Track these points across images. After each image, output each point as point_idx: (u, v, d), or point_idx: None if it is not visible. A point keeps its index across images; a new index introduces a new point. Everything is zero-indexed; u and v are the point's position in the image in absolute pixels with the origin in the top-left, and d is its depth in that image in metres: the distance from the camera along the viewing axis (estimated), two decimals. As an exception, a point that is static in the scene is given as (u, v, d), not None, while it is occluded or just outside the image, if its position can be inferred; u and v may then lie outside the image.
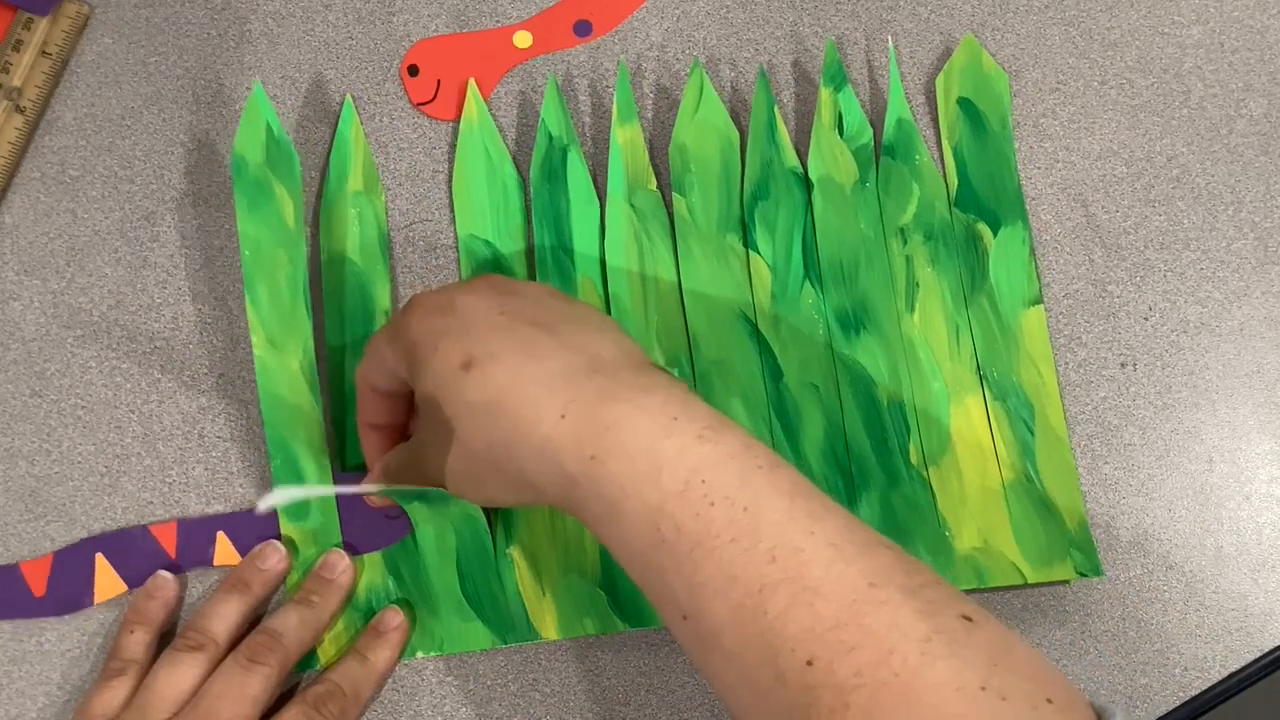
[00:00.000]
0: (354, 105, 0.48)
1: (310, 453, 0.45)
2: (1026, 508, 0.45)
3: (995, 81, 0.49)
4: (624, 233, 0.47)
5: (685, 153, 0.47)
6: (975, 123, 0.48)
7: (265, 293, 0.45)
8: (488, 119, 0.48)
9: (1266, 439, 0.46)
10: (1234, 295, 0.48)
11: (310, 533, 0.44)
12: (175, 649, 0.41)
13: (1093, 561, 0.44)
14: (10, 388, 0.46)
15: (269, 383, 0.45)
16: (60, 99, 0.49)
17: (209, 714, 0.40)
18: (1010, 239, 0.47)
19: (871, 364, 0.46)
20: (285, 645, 0.41)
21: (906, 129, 0.48)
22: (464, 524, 0.44)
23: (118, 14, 0.49)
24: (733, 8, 0.50)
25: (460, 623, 0.44)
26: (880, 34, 0.50)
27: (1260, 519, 0.46)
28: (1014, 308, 0.47)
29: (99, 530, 0.45)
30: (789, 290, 0.46)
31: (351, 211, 0.47)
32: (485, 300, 0.37)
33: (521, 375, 0.35)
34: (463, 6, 0.50)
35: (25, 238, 0.47)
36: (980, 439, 0.45)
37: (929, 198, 0.47)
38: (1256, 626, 0.45)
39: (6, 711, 0.44)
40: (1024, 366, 0.46)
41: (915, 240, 0.47)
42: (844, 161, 0.47)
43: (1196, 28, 0.50)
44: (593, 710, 0.44)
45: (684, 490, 0.33)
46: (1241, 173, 0.49)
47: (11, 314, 0.47)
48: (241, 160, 0.46)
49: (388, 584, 0.44)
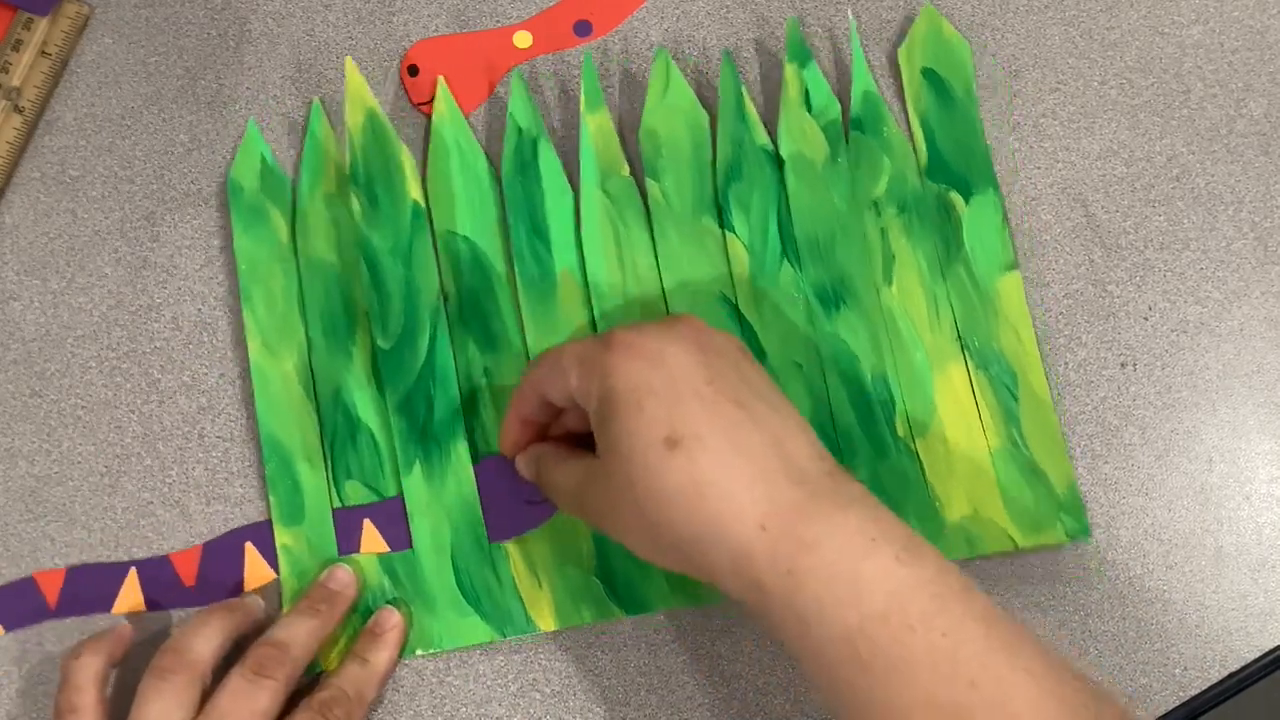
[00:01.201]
0: (323, 108, 0.48)
1: (304, 455, 0.45)
2: (1014, 474, 0.45)
3: (957, 49, 0.49)
4: (599, 219, 0.47)
5: (655, 137, 0.47)
6: (940, 92, 0.48)
7: (261, 303, 0.46)
8: (457, 114, 0.48)
9: (1266, 439, 0.47)
10: (1234, 295, 0.48)
11: (304, 537, 0.44)
12: (241, 674, 0.40)
13: (1081, 524, 0.45)
14: (10, 388, 0.46)
15: (264, 386, 0.45)
16: (60, 99, 0.49)
17: None
18: (982, 206, 0.47)
19: (853, 338, 0.46)
20: (293, 657, 0.41)
21: (873, 102, 0.48)
22: (460, 514, 0.44)
23: (118, 14, 0.49)
24: (733, 8, 0.50)
25: (457, 618, 0.44)
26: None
27: (1260, 519, 0.46)
28: (990, 274, 0.47)
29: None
30: (767, 269, 0.47)
31: (326, 215, 0.47)
32: (692, 360, 0.37)
33: (726, 471, 0.35)
34: (463, 6, 0.50)
35: (25, 238, 0.47)
36: (965, 408, 0.46)
37: (900, 169, 0.48)
38: (1256, 626, 0.45)
39: (6, 711, 0.44)
40: (1004, 333, 0.46)
41: (889, 212, 0.47)
42: (814, 137, 0.48)
43: (1196, 28, 0.50)
44: (593, 710, 0.44)
45: (883, 614, 0.33)
46: (1241, 173, 0.49)
47: (11, 314, 0.47)
48: (238, 185, 0.47)
49: (383, 584, 0.44)
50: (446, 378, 0.45)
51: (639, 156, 0.48)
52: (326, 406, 0.45)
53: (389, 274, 0.46)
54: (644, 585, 0.44)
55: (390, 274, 0.46)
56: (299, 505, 0.45)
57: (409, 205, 0.47)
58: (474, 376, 0.46)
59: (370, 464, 0.45)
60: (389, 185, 0.47)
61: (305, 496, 0.45)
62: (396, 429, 0.45)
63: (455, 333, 0.46)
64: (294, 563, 0.44)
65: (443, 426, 0.45)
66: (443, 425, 0.45)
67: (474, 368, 0.46)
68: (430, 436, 0.45)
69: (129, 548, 0.45)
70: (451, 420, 0.45)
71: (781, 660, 0.45)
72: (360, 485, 0.45)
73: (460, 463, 0.45)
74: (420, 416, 0.45)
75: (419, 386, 0.45)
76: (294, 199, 0.47)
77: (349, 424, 0.45)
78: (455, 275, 0.46)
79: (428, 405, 0.45)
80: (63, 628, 0.44)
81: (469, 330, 0.46)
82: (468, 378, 0.46)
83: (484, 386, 0.46)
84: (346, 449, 0.45)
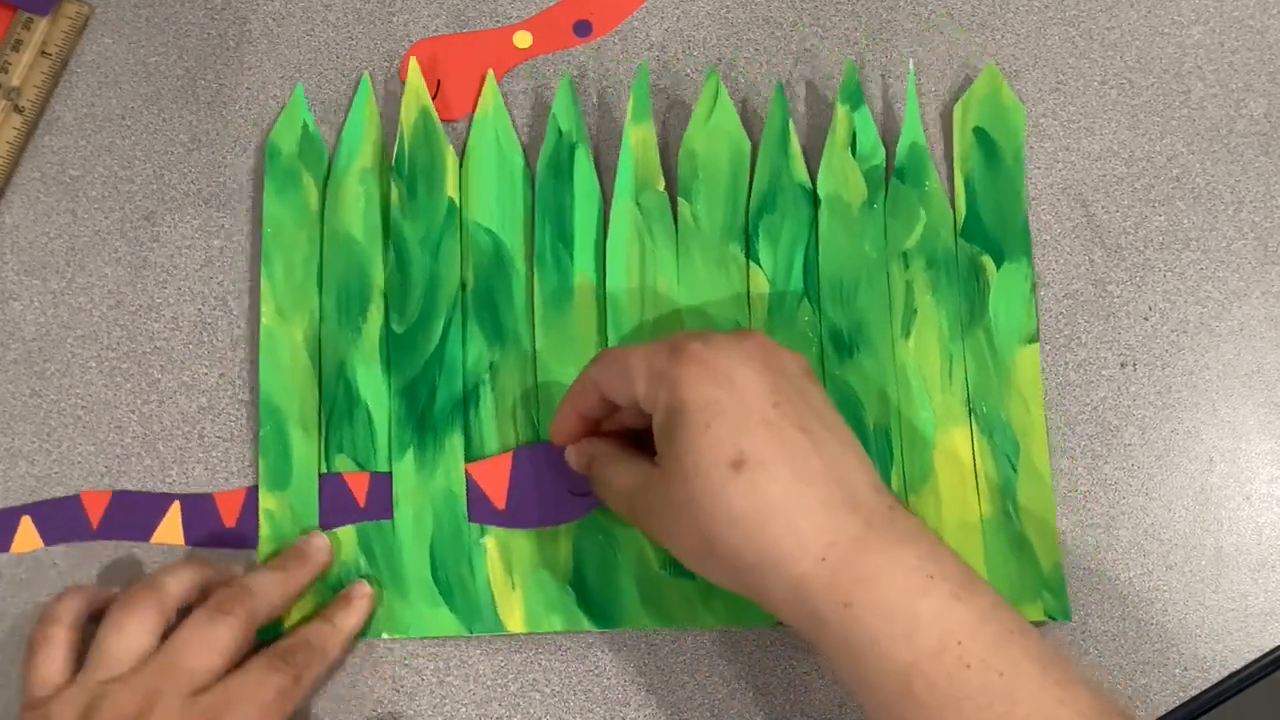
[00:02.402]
0: (371, 84, 0.48)
1: (300, 422, 0.45)
2: (1001, 545, 0.45)
3: (1012, 114, 0.48)
4: (627, 231, 0.47)
5: (695, 159, 0.47)
6: (989, 154, 0.48)
7: (281, 268, 0.46)
8: (502, 110, 0.48)
9: (1266, 439, 0.46)
10: (1234, 295, 0.48)
11: (287, 503, 0.45)
12: (203, 610, 0.40)
13: (1063, 605, 0.44)
14: (10, 388, 0.46)
15: (271, 350, 0.46)
16: (60, 99, 0.49)
17: (176, 661, 0.39)
18: (1013, 274, 0.47)
19: (861, 386, 0.46)
20: (254, 600, 0.41)
21: (919, 154, 0.48)
22: (444, 505, 0.45)
23: (118, 14, 0.49)
24: (733, 8, 0.50)
25: (427, 608, 0.44)
26: (883, 36, 0.50)
27: (1260, 519, 0.46)
28: (1010, 344, 0.46)
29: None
30: (786, 305, 0.46)
31: (359, 189, 0.47)
32: (760, 381, 0.37)
33: (790, 498, 0.36)
34: (463, 6, 0.50)
35: (25, 238, 0.47)
36: (963, 472, 0.45)
37: (935, 225, 0.47)
38: (1256, 626, 0.45)
39: (7, 711, 0.44)
40: (1014, 403, 0.46)
41: (917, 266, 0.47)
42: (854, 181, 0.47)
43: (1196, 28, 0.50)
44: (593, 710, 0.44)
45: (939, 651, 0.34)
46: (1241, 173, 0.49)
47: (11, 314, 0.47)
48: (275, 148, 0.47)
49: (359, 562, 0.44)
50: (453, 370, 0.46)
51: (675, 175, 0.48)
52: (329, 378, 0.46)
53: (415, 262, 0.46)
54: (615, 601, 0.44)
55: (416, 263, 0.46)
56: (287, 471, 0.45)
57: (445, 202, 0.47)
58: (479, 370, 0.46)
59: (363, 441, 0.45)
60: (430, 182, 0.47)
61: (294, 463, 0.45)
62: (395, 412, 0.45)
63: (466, 323, 0.46)
64: (275, 528, 0.44)
65: (442, 416, 0.45)
66: (442, 415, 0.45)
67: (480, 361, 0.46)
68: (427, 425, 0.45)
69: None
70: (451, 412, 0.45)
71: (781, 661, 0.45)
72: (350, 461, 0.45)
73: (453, 455, 0.45)
74: (421, 403, 0.45)
75: (425, 374, 0.45)
76: (329, 170, 0.47)
77: (348, 399, 0.45)
78: (475, 266, 0.47)
79: (430, 393, 0.45)
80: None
81: (480, 322, 0.46)
82: (473, 370, 0.46)
83: (486, 381, 0.46)
84: (343, 423, 0.45)
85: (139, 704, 0.38)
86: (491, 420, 0.46)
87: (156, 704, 0.38)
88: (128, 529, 0.45)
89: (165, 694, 0.38)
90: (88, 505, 0.45)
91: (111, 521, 0.45)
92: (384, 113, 0.48)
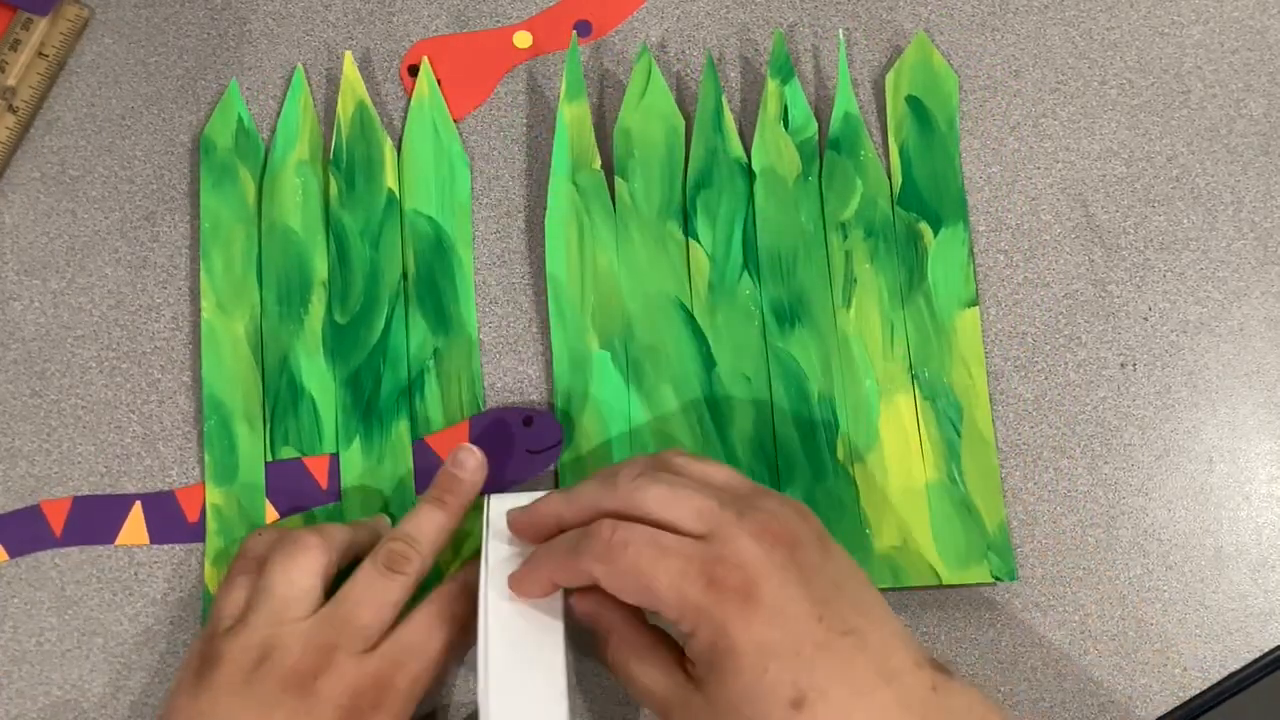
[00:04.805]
0: (305, 76, 0.48)
1: (245, 416, 0.45)
2: (947, 509, 0.45)
3: (944, 81, 0.49)
4: (565, 210, 0.47)
5: (629, 137, 0.48)
6: (923, 121, 0.48)
7: (220, 262, 0.47)
8: (438, 96, 0.48)
9: (1266, 439, 0.47)
10: (1234, 295, 0.48)
11: (234, 496, 0.45)
12: (374, 566, 0.40)
13: (1008, 565, 0.44)
14: (10, 388, 0.46)
15: (213, 345, 0.46)
16: (60, 99, 0.49)
17: (349, 617, 0.39)
18: (950, 239, 0.47)
19: (804, 358, 0.46)
20: (423, 554, 0.41)
21: (853, 123, 0.48)
22: (393, 492, 0.45)
23: (118, 14, 0.49)
24: (733, 7, 0.50)
25: None
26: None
27: (1260, 519, 0.46)
28: (950, 308, 0.47)
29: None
30: (726, 280, 0.47)
31: (296, 181, 0.47)
32: (801, 593, 0.36)
33: (849, 717, 0.35)
34: (463, 6, 0.50)
35: (25, 238, 0.47)
36: (908, 438, 0.46)
37: (871, 194, 0.48)
38: (1256, 626, 0.45)
39: (6, 711, 0.44)
40: (956, 367, 0.46)
41: (855, 236, 0.47)
42: (788, 154, 0.48)
43: (1196, 28, 0.50)
44: (593, 710, 0.44)
45: None
46: (1241, 173, 0.49)
47: (11, 314, 0.47)
48: (210, 144, 0.48)
49: None
50: (397, 359, 0.46)
51: (611, 154, 0.48)
52: (271, 371, 0.46)
53: (355, 253, 0.47)
54: None
55: (356, 253, 0.47)
56: (233, 466, 0.45)
57: (384, 193, 0.47)
58: (423, 357, 0.46)
59: (309, 431, 0.45)
60: (368, 174, 0.47)
61: (240, 458, 0.45)
62: (340, 402, 0.45)
63: (409, 310, 0.46)
64: (222, 522, 0.45)
65: (388, 404, 0.45)
66: (388, 403, 0.45)
67: (424, 348, 0.46)
68: (374, 413, 0.45)
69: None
70: (397, 400, 0.45)
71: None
72: (295, 452, 0.45)
73: (400, 442, 0.45)
74: (366, 392, 0.45)
75: (369, 364, 0.46)
76: (265, 161, 0.48)
77: (292, 390, 0.46)
78: (416, 253, 0.47)
79: (375, 382, 0.45)
80: (64, 627, 0.44)
81: (423, 309, 0.46)
82: (416, 357, 0.46)
83: (430, 368, 0.46)
84: (287, 414, 0.45)
85: (312, 662, 0.38)
86: (438, 405, 0.46)
87: (329, 663, 0.38)
88: (92, 533, 0.45)
89: (338, 652, 0.38)
90: (49, 514, 0.45)
91: (74, 527, 0.45)
92: (384, 113, 0.48)
